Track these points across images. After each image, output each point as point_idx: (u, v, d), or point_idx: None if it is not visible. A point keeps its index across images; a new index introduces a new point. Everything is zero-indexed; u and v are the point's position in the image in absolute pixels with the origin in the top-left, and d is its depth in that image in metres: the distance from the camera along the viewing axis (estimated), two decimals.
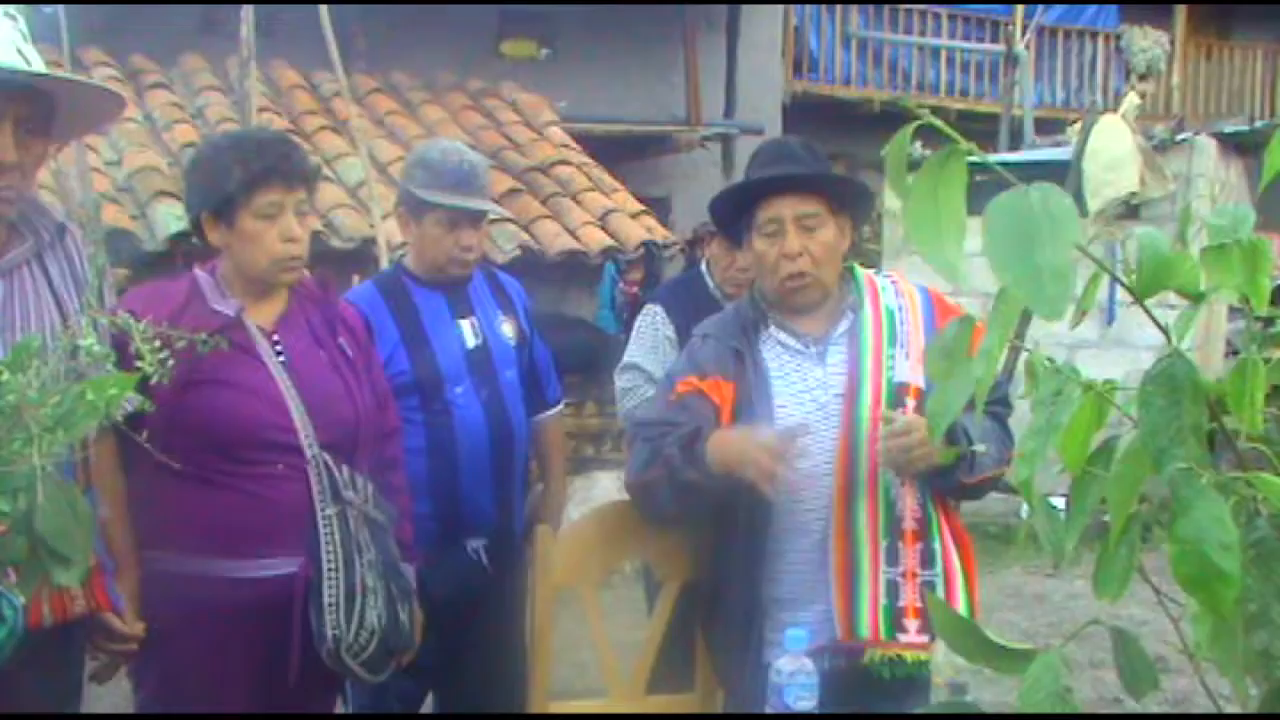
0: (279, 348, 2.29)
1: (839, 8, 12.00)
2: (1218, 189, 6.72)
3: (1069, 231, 1.10)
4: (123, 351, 1.56)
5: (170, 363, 1.53)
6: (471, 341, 2.97)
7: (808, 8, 11.97)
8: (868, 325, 2.31)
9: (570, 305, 7.43)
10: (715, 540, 2.38)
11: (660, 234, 7.26)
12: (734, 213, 2.40)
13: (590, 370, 5.95)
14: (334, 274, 3.10)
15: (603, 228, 7.17)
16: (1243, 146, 7.38)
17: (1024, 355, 1.27)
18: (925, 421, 2.15)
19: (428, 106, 8.43)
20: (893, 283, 2.41)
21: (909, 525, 2.24)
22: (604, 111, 9.43)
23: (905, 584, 2.23)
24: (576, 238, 6.95)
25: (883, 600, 2.22)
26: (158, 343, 1.52)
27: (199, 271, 2.34)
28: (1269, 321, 1.28)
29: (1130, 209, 6.88)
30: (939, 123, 1.27)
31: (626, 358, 3.35)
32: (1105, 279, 1.20)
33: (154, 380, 1.49)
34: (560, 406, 3.33)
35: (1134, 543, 1.24)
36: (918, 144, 3.69)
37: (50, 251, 1.97)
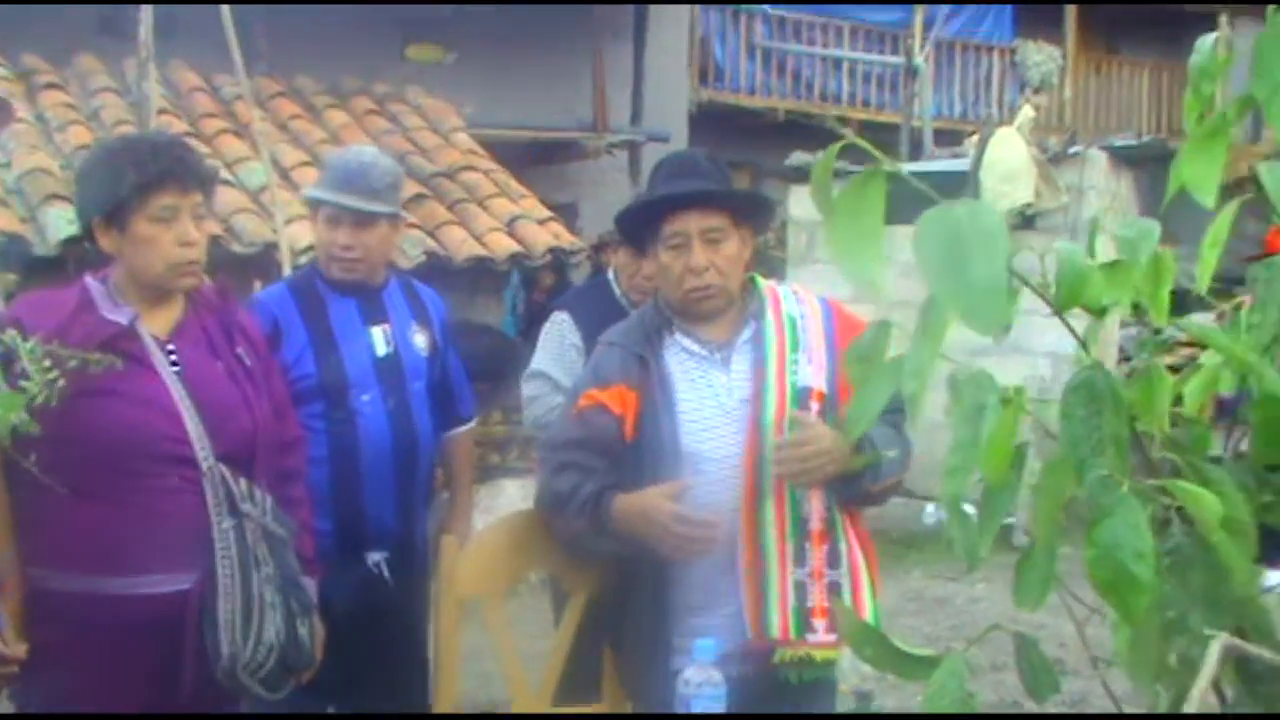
0: (174, 357, 2.22)
1: (744, 18, 12.11)
2: (1109, 200, 6.93)
3: (1001, 247, 1.12)
4: (8, 366, 1.50)
5: (60, 383, 1.47)
6: (382, 349, 2.93)
7: (713, 18, 12.07)
8: (771, 332, 2.35)
9: (477, 312, 7.36)
10: (622, 561, 2.38)
11: (567, 240, 7.25)
12: (640, 224, 2.42)
13: (497, 378, 5.91)
14: (235, 279, 3.04)
15: (510, 234, 7.13)
16: (1132, 160, 7.62)
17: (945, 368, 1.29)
18: (825, 430, 2.21)
19: (332, 111, 8.30)
20: (794, 292, 2.46)
21: (815, 526, 2.28)
22: (511, 117, 9.38)
23: (813, 584, 2.27)
24: (483, 244, 6.90)
25: (791, 601, 2.25)
26: (47, 362, 1.46)
27: (90, 279, 2.25)
28: (1159, 329, 1.32)
29: (1025, 219, 7.06)
30: (863, 142, 1.28)
31: (533, 365, 3.33)
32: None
33: (40, 400, 1.43)
34: (473, 423, 3.32)
35: (1054, 552, 1.26)
36: (818, 154, 3.75)
37: None
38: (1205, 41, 1.25)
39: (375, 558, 2.91)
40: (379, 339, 2.94)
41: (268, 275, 5.38)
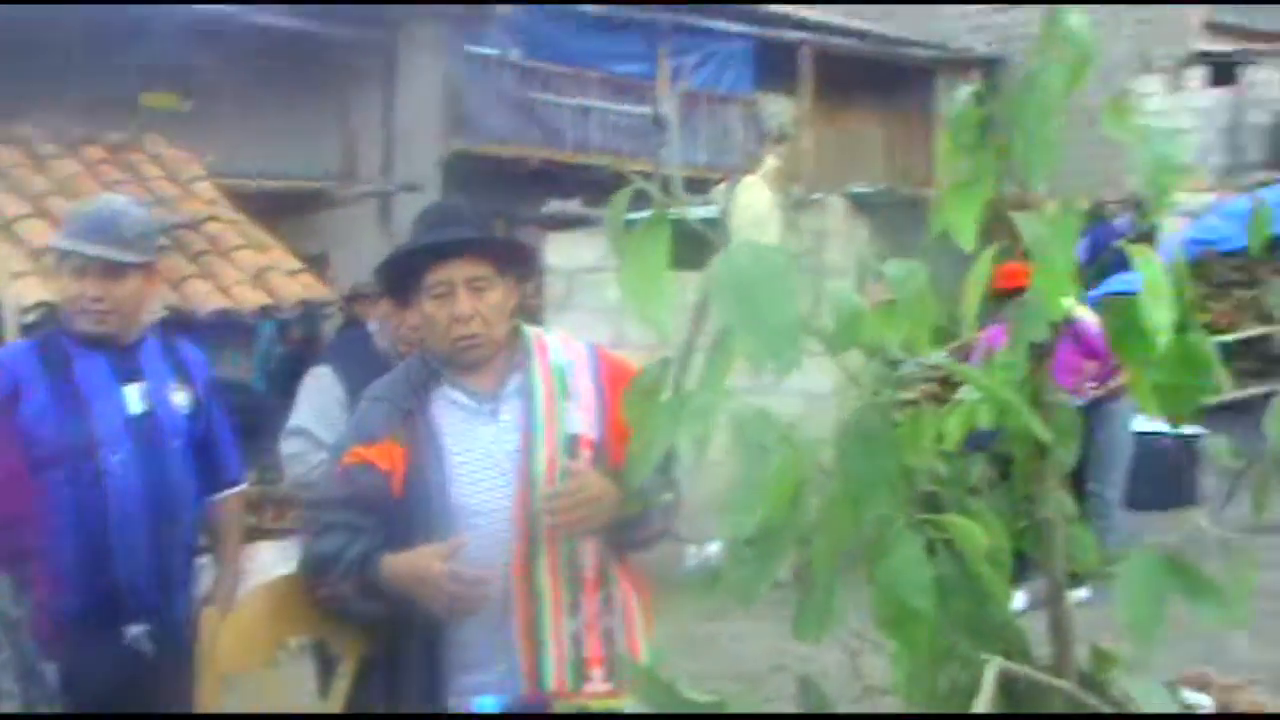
0: None
1: (495, 68, 12.17)
2: (848, 244, 7.30)
3: (792, 287, 1.15)
4: None
5: None
6: (136, 408, 2.79)
7: (464, 67, 12.07)
8: (539, 380, 2.34)
9: (225, 367, 7.04)
10: (394, 617, 2.31)
11: (319, 292, 7.06)
12: (402, 274, 2.38)
13: (248, 436, 5.67)
14: None
15: (258, 286, 6.88)
16: (867, 206, 8.08)
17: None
18: (596, 479, 2.22)
19: (58, 161, 7.83)
20: (560, 340, 2.47)
21: (589, 575, 2.28)
22: (256, 166, 9.10)
23: (587, 634, 2.26)
24: (229, 296, 6.64)
25: (568, 652, 2.24)
26: None
27: None
28: (895, 364, 1.39)
29: None
30: (649, 186, 1.30)
31: (293, 421, 3.19)
32: None
33: None
34: (242, 486, 3.18)
35: (833, 587, 1.30)
36: (576, 201, 3.81)
37: None
38: (962, 93, 1.32)
39: (134, 631, 2.74)
40: (133, 397, 2.79)
41: None
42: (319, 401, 3.16)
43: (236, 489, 3.15)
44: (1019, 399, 1.27)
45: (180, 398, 2.91)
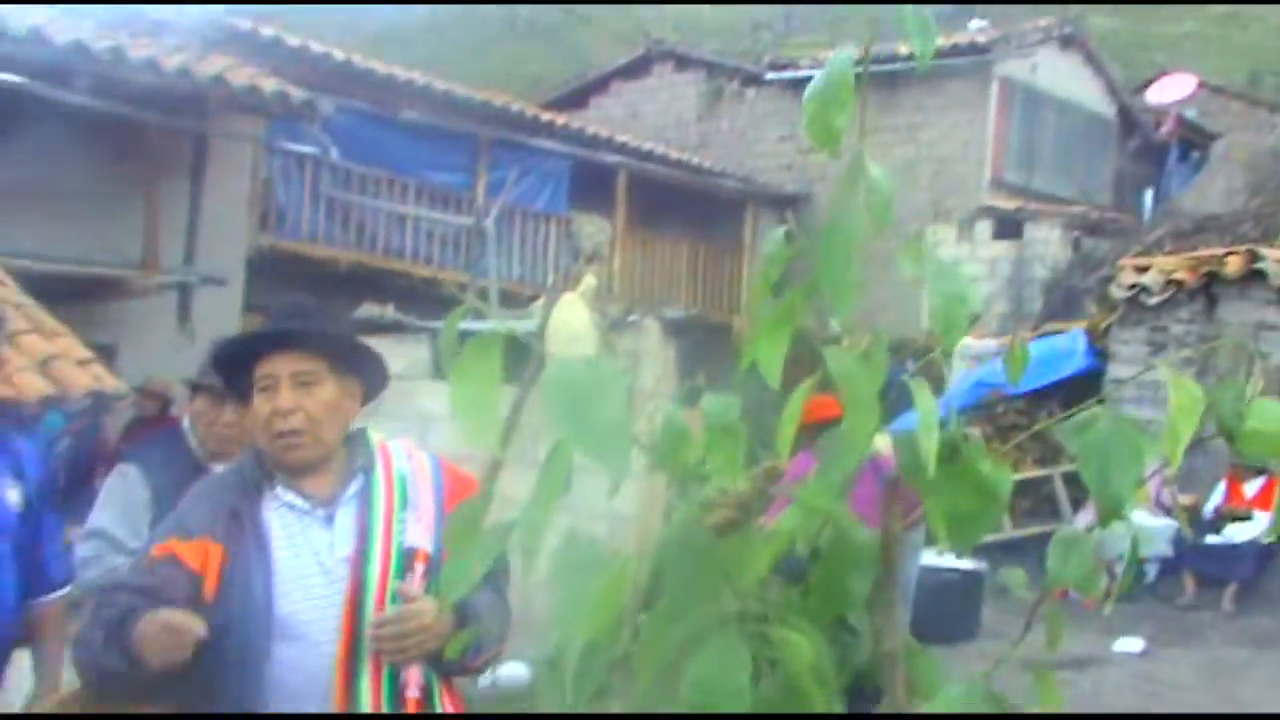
0: None
1: (310, 165, 12.04)
2: (660, 365, 7.45)
3: (620, 394, 1.20)
4: None
5: None
6: None
7: (277, 162, 11.90)
8: (379, 488, 2.28)
9: None
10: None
11: (110, 383, 6.73)
12: (236, 368, 2.32)
13: None
14: None
15: (43, 374, 6.52)
16: (679, 329, 8.28)
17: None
18: (428, 605, 2.17)
19: None
20: (403, 448, 2.41)
21: (413, 694, 2.21)
22: (48, 248, 8.68)
23: None
24: (12, 384, 6.26)
25: None
26: None
27: None
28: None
29: None
30: (482, 304, 1.32)
31: (91, 523, 3.03)
32: None
33: None
34: (67, 589, 3.01)
35: (656, 702, 1.31)
36: (390, 307, 3.81)
37: None
38: (776, 234, 1.40)
39: None
40: None
41: None
42: (121, 502, 3.02)
43: (61, 592, 3.01)
44: (841, 509, 1.33)
45: (13, 495, 2.82)
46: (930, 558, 6.44)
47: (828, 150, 1.24)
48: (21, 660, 5.50)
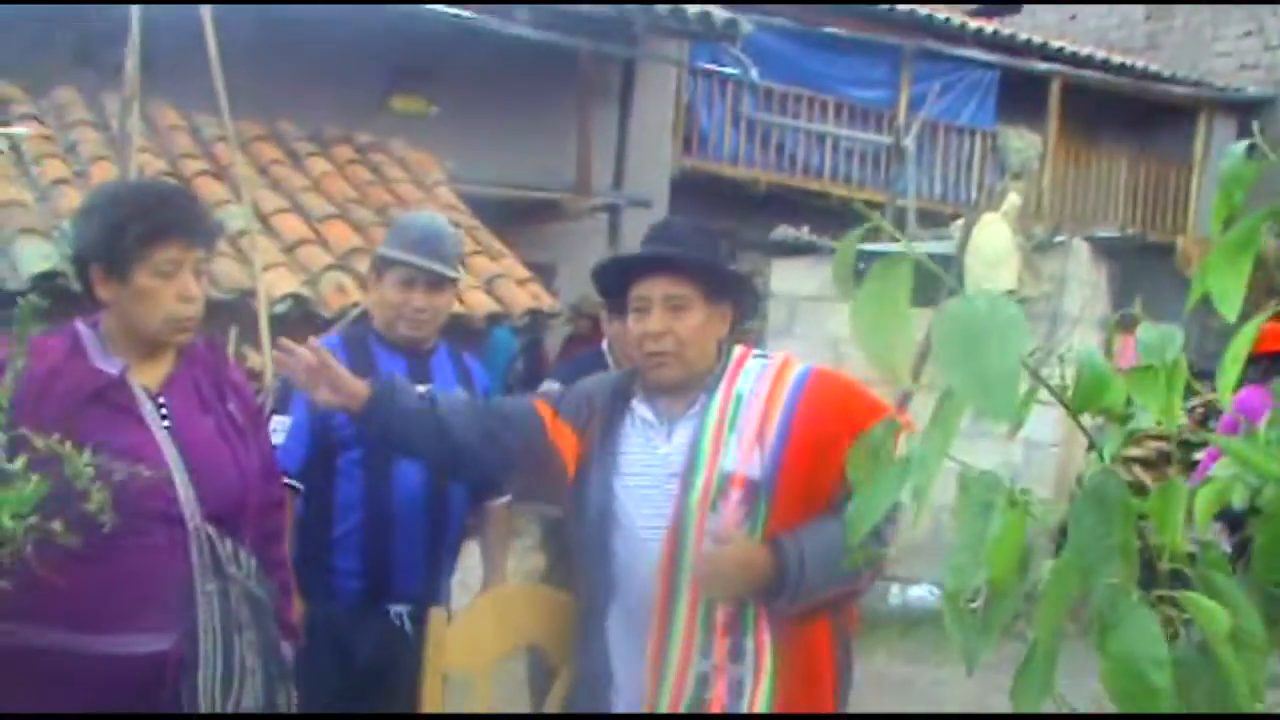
0: (164, 411, 2.16)
1: (730, 88, 12.21)
2: (1089, 291, 6.97)
3: (1017, 339, 1.11)
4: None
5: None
6: None
7: (700, 85, 12.16)
8: (714, 409, 2.32)
9: None
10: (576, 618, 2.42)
11: (546, 302, 7.19)
12: (617, 288, 2.43)
13: None
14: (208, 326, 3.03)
15: (488, 292, 7.07)
16: (1111, 251, 7.69)
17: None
18: (733, 552, 2.20)
19: (313, 158, 8.27)
20: (764, 365, 2.39)
21: (723, 618, 2.24)
22: (491, 174, 9.37)
23: (716, 678, 2.24)
24: (461, 301, 6.83)
25: (688, 692, 2.23)
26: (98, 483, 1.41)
27: (80, 325, 2.20)
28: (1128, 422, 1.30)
29: None
30: (885, 224, 1.24)
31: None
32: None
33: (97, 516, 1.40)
34: (505, 498, 3.29)
35: (1054, 656, 1.23)
36: (805, 228, 3.74)
37: None
38: (1237, 148, 1.23)
39: (398, 610, 2.92)
40: None
41: (243, 322, 5.29)
42: None
43: (505, 498, 3.27)
44: None
45: None
46: None
47: None
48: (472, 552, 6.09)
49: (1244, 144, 1.23)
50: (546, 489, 2.51)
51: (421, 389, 2.44)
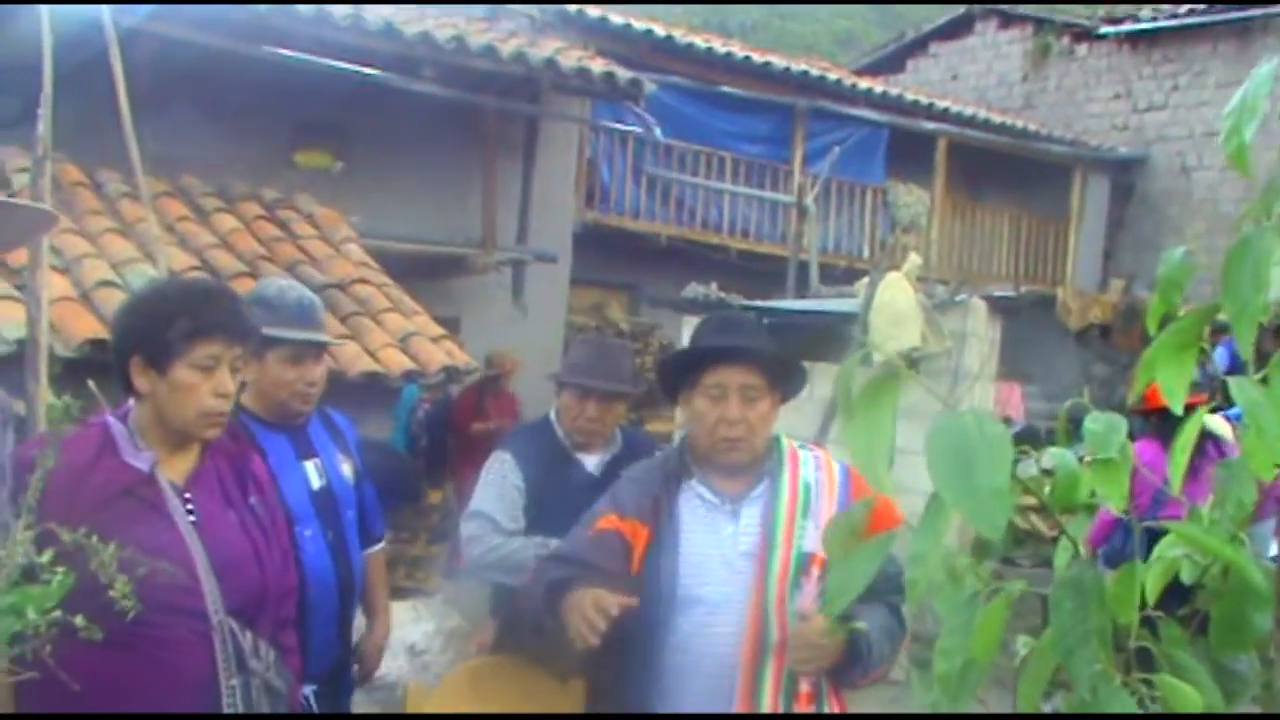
0: (190, 506, 2.20)
1: (631, 144, 12.41)
2: (988, 347, 7.26)
3: (1004, 455, 1.22)
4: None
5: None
6: (316, 483, 2.96)
7: (602, 142, 12.33)
8: (784, 493, 2.46)
9: (369, 427, 7.23)
10: (610, 695, 2.46)
11: (461, 359, 7.23)
12: (677, 372, 2.54)
13: (395, 496, 5.84)
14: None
15: (403, 350, 7.08)
16: (1005, 308, 8.02)
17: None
18: (818, 627, 2.30)
19: (220, 215, 8.18)
20: (815, 457, 2.57)
21: (804, 689, 2.37)
22: (397, 229, 9.38)
23: None
24: (377, 359, 6.84)
25: None
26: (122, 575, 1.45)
27: (111, 419, 2.24)
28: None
29: (910, 362, 7.34)
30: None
31: (474, 505, 3.36)
32: None
33: (120, 606, 1.44)
34: (383, 543, 3.34)
35: None
36: (713, 284, 3.94)
37: None
38: (1174, 254, 1.36)
39: (306, 691, 2.85)
40: (312, 473, 2.97)
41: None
42: (498, 486, 3.32)
43: (381, 544, 3.32)
44: (1239, 553, 1.31)
45: (347, 469, 3.09)
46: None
47: (1240, 170, 1.23)
48: (395, 610, 6.04)
49: (1180, 250, 1.36)
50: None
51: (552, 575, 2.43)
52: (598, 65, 9.89)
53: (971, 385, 6.46)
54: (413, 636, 4.84)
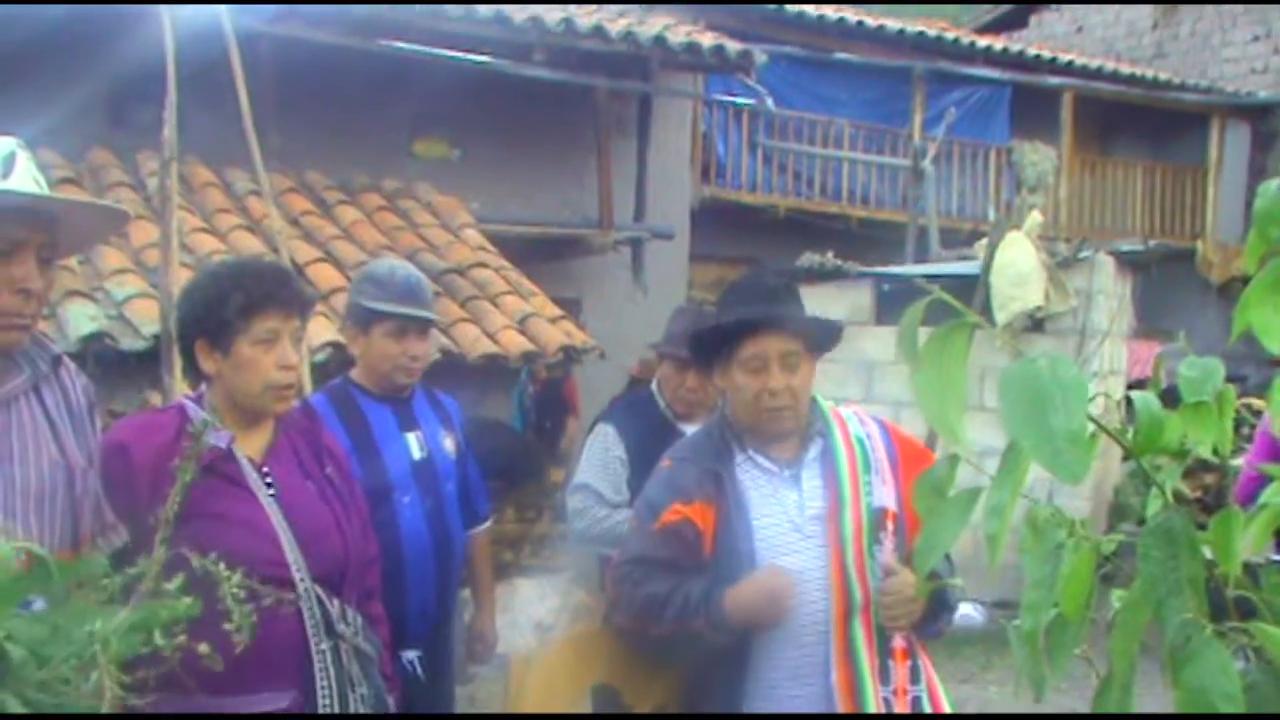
0: (268, 479, 2.27)
1: (746, 117, 12.33)
2: (1116, 304, 7.02)
3: (1081, 399, 1.18)
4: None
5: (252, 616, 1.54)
6: (417, 454, 3.05)
7: (716, 115, 12.28)
8: (841, 451, 2.43)
9: (489, 408, 7.38)
10: (696, 666, 2.43)
11: (579, 339, 7.29)
12: (712, 343, 2.49)
13: (511, 475, 5.94)
14: None
15: (522, 332, 7.18)
16: (1135, 263, 7.75)
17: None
18: (907, 580, 2.29)
19: (343, 207, 8.40)
20: (854, 413, 2.55)
21: (898, 643, 2.36)
22: (517, 213, 9.50)
23: (896, 701, 2.35)
24: (496, 341, 6.95)
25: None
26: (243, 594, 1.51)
27: (186, 401, 2.32)
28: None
29: (1035, 323, 7.15)
30: (947, 297, 1.32)
31: (578, 478, 3.40)
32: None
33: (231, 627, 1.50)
34: (489, 522, 3.40)
35: (1130, 685, 1.30)
36: (829, 253, 3.88)
37: (46, 383, 1.95)
38: (1270, 186, 1.30)
39: (410, 656, 2.96)
40: (414, 444, 3.06)
41: None
42: (601, 459, 3.36)
43: (485, 524, 3.38)
44: None
45: (449, 444, 3.17)
46: None
47: None
48: (520, 588, 6.15)
49: (1275, 182, 1.30)
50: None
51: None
52: (707, 39, 9.83)
53: (1101, 343, 6.26)
54: (540, 613, 4.92)
